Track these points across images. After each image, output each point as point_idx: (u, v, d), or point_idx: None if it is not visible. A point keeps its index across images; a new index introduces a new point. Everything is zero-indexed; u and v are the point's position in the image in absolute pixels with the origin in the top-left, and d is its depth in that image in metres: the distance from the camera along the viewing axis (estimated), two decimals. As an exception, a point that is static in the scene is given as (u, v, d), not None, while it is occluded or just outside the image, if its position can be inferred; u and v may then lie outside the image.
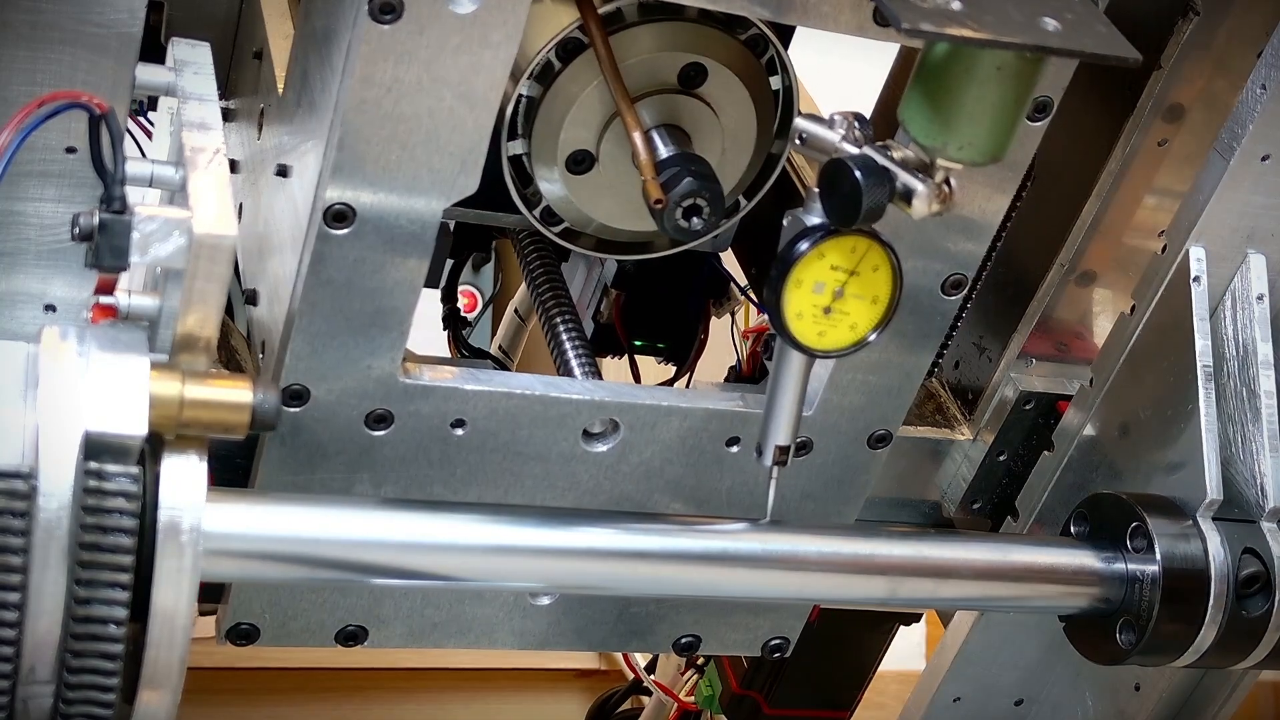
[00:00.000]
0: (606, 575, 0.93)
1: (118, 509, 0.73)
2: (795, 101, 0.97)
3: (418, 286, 0.88)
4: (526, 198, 0.96)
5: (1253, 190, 1.00)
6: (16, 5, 0.86)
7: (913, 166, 0.80)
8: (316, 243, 0.85)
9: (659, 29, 0.91)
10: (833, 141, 0.82)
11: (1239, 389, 1.01)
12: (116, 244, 0.75)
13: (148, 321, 0.83)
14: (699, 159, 0.90)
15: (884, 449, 1.03)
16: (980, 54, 0.77)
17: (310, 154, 0.86)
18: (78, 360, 0.75)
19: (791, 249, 0.82)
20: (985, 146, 0.79)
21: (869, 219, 0.80)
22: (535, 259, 1.14)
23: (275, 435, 0.90)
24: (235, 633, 1.00)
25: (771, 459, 0.91)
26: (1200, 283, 1.01)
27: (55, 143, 0.90)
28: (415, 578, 0.90)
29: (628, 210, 0.96)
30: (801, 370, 0.89)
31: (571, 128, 0.92)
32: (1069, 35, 0.75)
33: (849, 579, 0.96)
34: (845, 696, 1.34)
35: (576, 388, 0.96)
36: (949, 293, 0.97)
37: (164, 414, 0.75)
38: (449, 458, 0.94)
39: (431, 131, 0.83)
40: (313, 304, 0.87)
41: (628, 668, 1.54)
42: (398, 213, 0.85)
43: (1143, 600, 0.98)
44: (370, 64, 0.80)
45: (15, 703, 0.75)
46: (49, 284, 0.95)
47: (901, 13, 0.73)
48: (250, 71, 1.06)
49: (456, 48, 0.80)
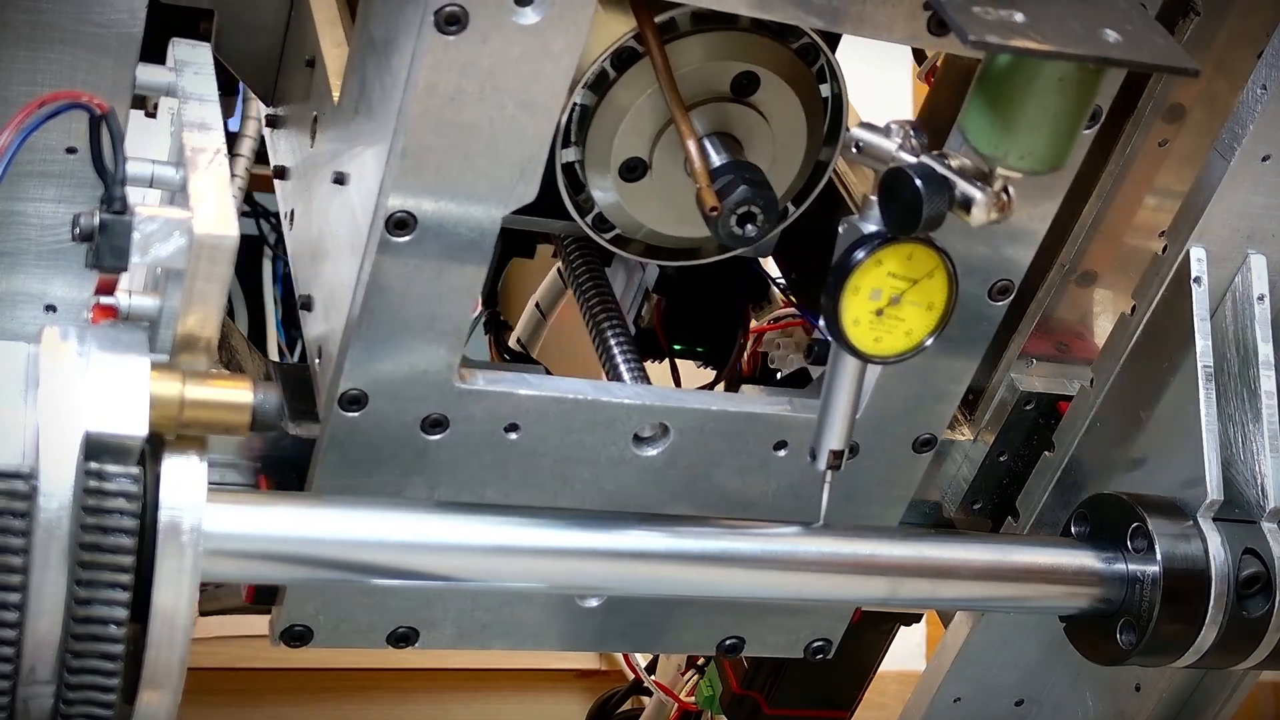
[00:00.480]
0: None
1: (118, 509, 0.73)
2: (844, 109, 0.98)
3: (475, 292, 0.89)
4: (578, 204, 0.97)
5: (1253, 190, 1.00)
6: (16, 5, 0.86)
7: (971, 175, 0.81)
8: (378, 250, 0.85)
9: (712, 38, 0.92)
10: (889, 150, 0.83)
11: (1239, 389, 1.01)
12: (117, 244, 0.75)
13: (148, 322, 0.83)
14: (752, 166, 0.91)
15: (929, 453, 1.04)
16: (1042, 65, 0.78)
17: (370, 162, 0.87)
18: (78, 360, 0.75)
19: (849, 256, 0.83)
20: (1046, 155, 0.80)
21: (929, 227, 0.81)
22: (580, 264, 1.15)
23: (333, 439, 0.92)
24: (289, 634, 1.00)
25: (825, 463, 0.92)
26: (1201, 283, 1.01)
27: (56, 143, 0.90)
28: (420, 578, 0.90)
29: (678, 217, 0.97)
30: (856, 376, 0.90)
31: (626, 136, 0.93)
32: (1129, 46, 0.76)
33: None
34: (845, 697, 1.33)
35: (627, 392, 0.97)
36: (996, 298, 0.98)
37: (164, 414, 0.75)
38: (501, 461, 0.96)
39: (492, 140, 0.83)
40: (372, 310, 0.87)
41: (628, 668, 1.54)
42: (457, 220, 0.86)
43: (1143, 601, 0.98)
44: (434, 74, 0.81)
45: (16, 703, 0.75)
46: (49, 284, 0.95)
47: (967, 25, 0.74)
48: (301, 78, 1.06)
49: (519, 58, 0.81)
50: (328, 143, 0.98)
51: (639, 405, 0.96)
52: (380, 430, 0.92)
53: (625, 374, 1.06)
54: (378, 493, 0.94)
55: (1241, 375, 1.01)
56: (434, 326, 0.89)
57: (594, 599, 1.04)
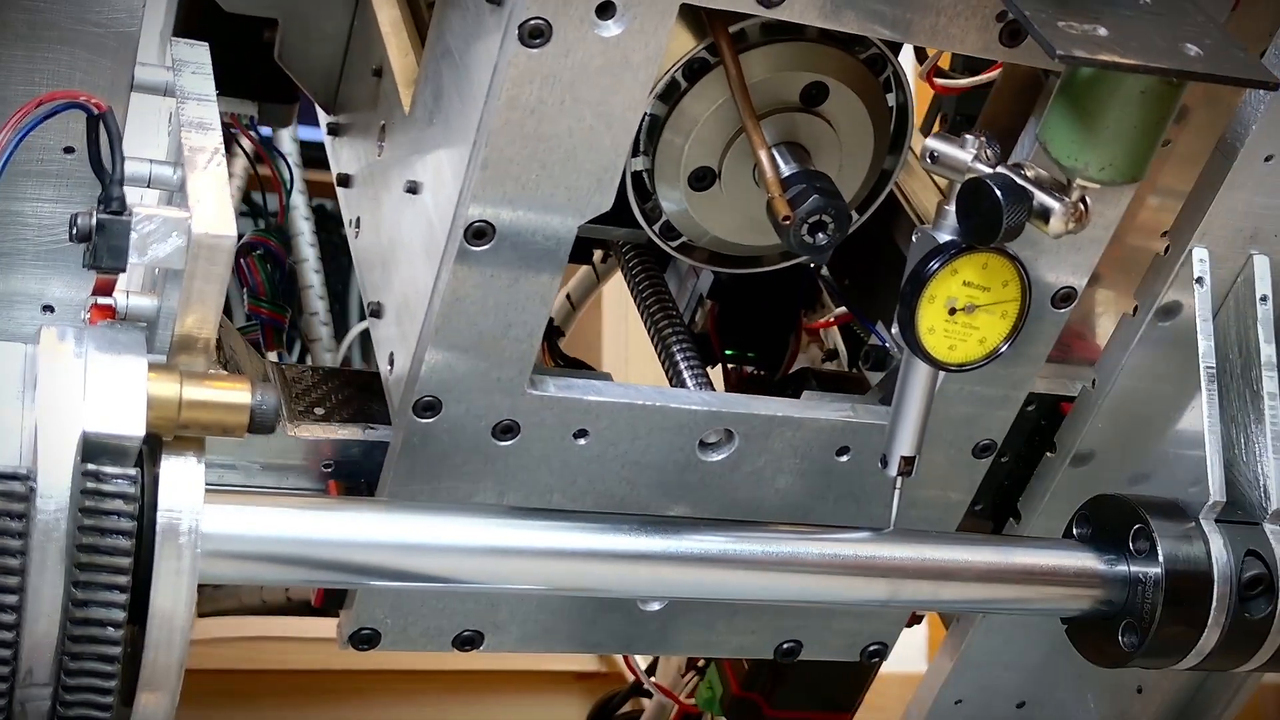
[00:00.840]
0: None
1: (116, 510, 0.73)
2: (910, 118, 0.99)
3: (549, 300, 0.90)
4: (646, 213, 0.98)
5: (1256, 191, 1.00)
6: (15, 4, 0.86)
7: (1048, 185, 0.84)
8: (456, 259, 0.87)
9: (782, 49, 0.93)
10: (965, 161, 0.85)
11: (1242, 390, 1.01)
12: (115, 244, 0.75)
13: (146, 322, 0.83)
14: (823, 176, 0.92)
15: (988, 458, 1.05)
16: (1124, 78, 0.80)
17: (448, 171, 0.88)
18: (76, 361, 0.74)
19: (925, 266, 0.86)
20: (1126, 167, 0.83)
21: (1008, 237, 0.84)
22: (640, 271, 1.16)
23: (407, 445, 0.93)
24: (357, 638, 1.02)
25: (897, 469, 0.94)
26: (1203, 283, 1.01)
27: (53, 142, 0.90)
28: (420, 579, 0.90)
29: (744, 225, 0.98)
30: (929, 383, 0.92)
31: (696, 145, 0.94)
32: (1211, 60, 0.79)
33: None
34: (846, 698, 1.33)
35: (694, 399, 0.99)
36: (1059, 305, 1.00)
37: (162, 415, 0.75)
38: (569, 466, 0.97)
39: (570, 151, 0.85)
40: (448, 318, 0.89)
41: (628, 670, 1.53)
42: (534, 229, 0.87)
43: (1145, 602, 0.98)
44: (517, 87, 0.82)
45: (13, 705, 0.75)
46: (47, 284, 0.95)
47: (1055, 40, 0.76)
48: (366, 87, 1.08)
49: (599, 70, 0.82)
50: (397, 151, 0.99)
51: (706, 411, 0.98)
52: (453, 436, 0.93)
53: (689, 380, 1.07)
54: (448, 498, 0.95)
55: (1244, 376, 1.01)
56: (509, 334, 0.90)
57: (656, 603, 1.06)
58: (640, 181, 0.96)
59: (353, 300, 2.76)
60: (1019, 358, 1.00)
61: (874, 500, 1.04)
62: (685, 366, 1.07)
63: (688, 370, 1.07)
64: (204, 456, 0.76)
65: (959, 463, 1.05)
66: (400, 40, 1.03)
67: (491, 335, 0.90)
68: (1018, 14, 0.78)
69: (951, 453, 1.04)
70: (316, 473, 0.97)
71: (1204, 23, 0.81)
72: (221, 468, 0.96)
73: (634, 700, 1.61)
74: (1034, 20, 0.77)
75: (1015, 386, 1.03)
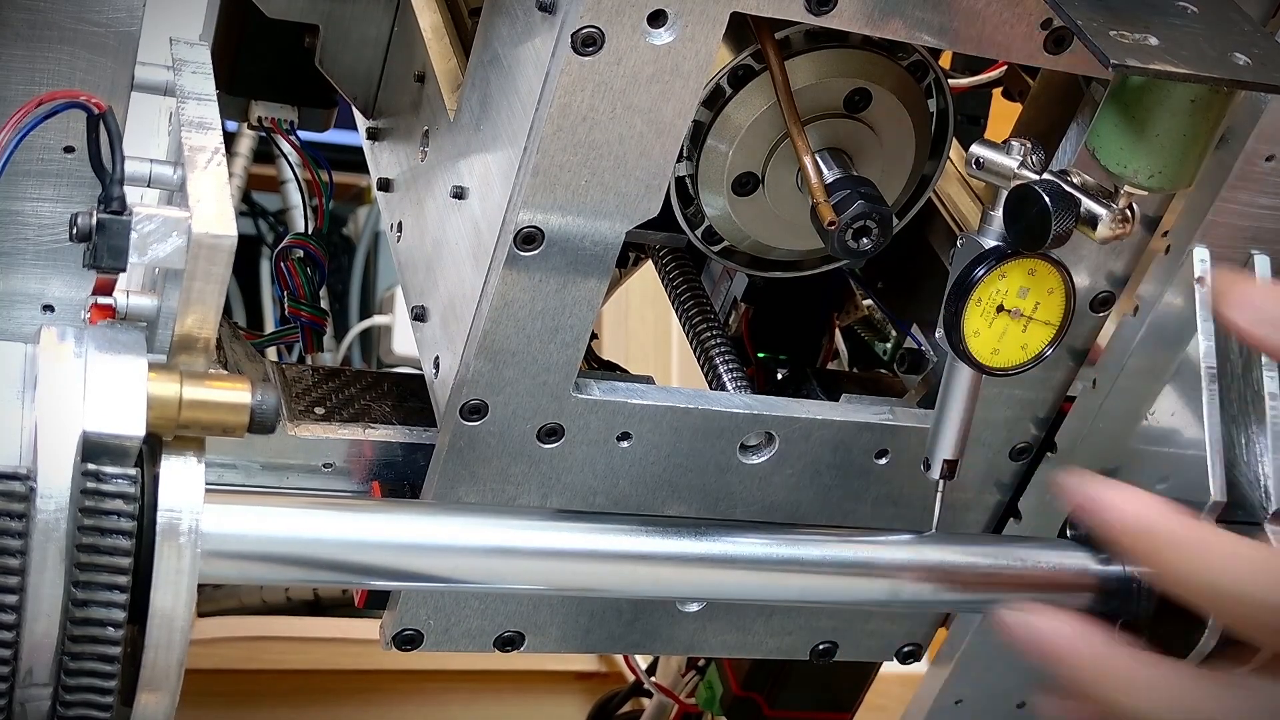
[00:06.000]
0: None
1: (116, 510, 0.73)
2: (950, 124, 0.99)
3: (596, 305, 0.91)
4: (688, 218, 0.99)
5: (1257, 191, 1.00)
6: (15, 3, 0.86)
7: (1094, 192, 0.85)
8: (504, 264, 0.87)
9: (826, 55, 0.93)
10: (1011, 167, 0.86)
11: (1243, 391, 1.01)
12: (115, 244, 0.75)
13: (146, 322, 0.83)
14: (866, 181, 0.92)
15: (1024, 461, 1.06)
16: (1175, 86, 0.81)
17: (496, 177, 0.88)
18: (75, 361, 0.74)
19: (971, 271, 0.87)
20: (1175, 175, 0.83)
21: (1055, 244, 0.84)
22: (678, 274, 1.17)
23: (453, 448, 0.94)
24: (400, 639, 1.02)
25: (940, 472, 0.95)
26: (1204, 283, 1.01)
27: (53, 142, 0.90)
28: (420, 580, 0.90)
29: (786, 230, 0.99)
30: (973, 386, 0.93)
31: (740, 151, 0.94)
32: (1260, 69, 0.79)
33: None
34: (846, 698, 1.33)
35: (736, 401, 0.99)
36: (1097, 309, 1.01)
37: (162, 415, 0.75)
38: (613, 470, 0.97)
39: (620, 158, 0.85)
40: (496, 322, 0.89)
41: (628, 669, 1.53)
42: (583, 235, 0.87)
43: (1142, 603, 0.98)
44: (569, 94, 0.82)
45: (13, 705, 0.75)
46: (47, 284, 0.95)
47: (1108, 49, 0.77)
48: (408, 93, 1.08)
49: (650, 77, 0.83)
50: (442, 156, 0.99)
51: (748, 414, 0.98)
52: (498, 439, 0.94)
53: (729, 383, 1.07)
54: (494, 500, 0.96)
55: (1245, 376, 1.01)
56: (556, 338, 0.91)
57: (695, 604, 1.06)
58: (683, 187, 0.97)
59: (353, 300, 2.77)
60: (1056, 361, 1.01)
61: (912, 503, 1.05)
62: (724, 370, 1.09)
63: (727, 374, 1.08)
64: (204, 456, 0.76)
65: (997, 465, 1.06)
66: (443, 46, 1.04)
67: (539, 339, 0.91)
68: (1070, 24, 0.79)
69: (989, 455, 1.05)
70: (360, 475, 0.99)
71: (1251, 31, 0.82)
72: (222, 467, 0.96)
73: (634, 700, 1.61)
74: (1086, 30, 0.78)
75: (1054, 390, 1.04)
